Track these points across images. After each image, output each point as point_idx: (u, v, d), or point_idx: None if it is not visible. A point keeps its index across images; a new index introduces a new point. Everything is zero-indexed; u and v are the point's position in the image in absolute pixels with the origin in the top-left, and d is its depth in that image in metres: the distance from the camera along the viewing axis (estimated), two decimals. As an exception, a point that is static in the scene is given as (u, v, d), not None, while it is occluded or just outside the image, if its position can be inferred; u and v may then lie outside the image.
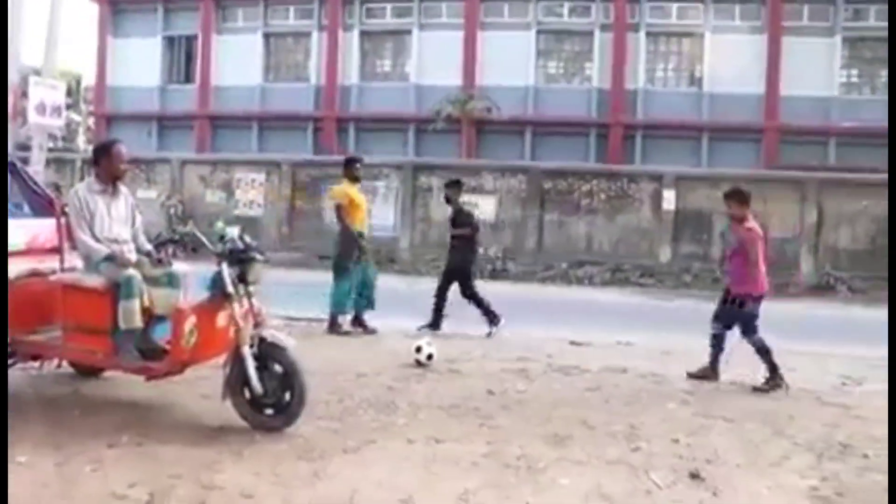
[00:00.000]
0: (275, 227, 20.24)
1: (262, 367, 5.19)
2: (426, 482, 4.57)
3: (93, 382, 6.42)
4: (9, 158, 6.66)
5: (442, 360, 7.71)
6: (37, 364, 6.03)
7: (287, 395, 5.20)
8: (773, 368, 7.21)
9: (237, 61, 29.56)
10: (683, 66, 28.23)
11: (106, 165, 5.69)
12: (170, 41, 31.22)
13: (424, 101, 27.35)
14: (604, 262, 18.32)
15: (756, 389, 7.14)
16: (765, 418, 6.14)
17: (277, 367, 5.22)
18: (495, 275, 17.50)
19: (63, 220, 5.95)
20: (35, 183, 6.62)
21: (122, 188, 5.86)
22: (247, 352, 5.14)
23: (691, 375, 7.48)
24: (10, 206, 6.42)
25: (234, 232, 5.33)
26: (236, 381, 5.22)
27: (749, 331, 7.28)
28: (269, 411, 5.26)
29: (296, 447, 5.02)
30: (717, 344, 7.48)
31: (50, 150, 16.39)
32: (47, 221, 6.06)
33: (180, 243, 5.42)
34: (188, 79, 31.08)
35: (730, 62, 25.97)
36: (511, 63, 27.00)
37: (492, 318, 9.62)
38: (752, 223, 7.43)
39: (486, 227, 19.05)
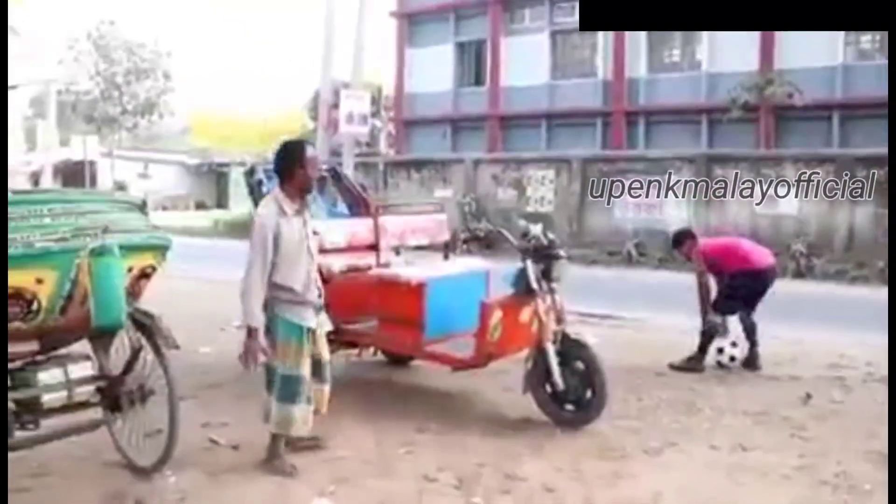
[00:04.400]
0: (565, 224, 20.39)
1: (564, 364, 5.26)
2: (733, 492, 4.37)
3: (403, 371, 6.90)
4: (330, 164, 7.36)
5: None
6: (355, 351, 6.58)
7: (588, 393, 5.23)
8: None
9: (525, 61, 30.21)
10: None
11: (299, 174, 4.43)
12: (461, 47, 32.67)
13: (717, 89, 25.98)
14: (932, 260, 16.25)
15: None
16: None
17: (579, 364, 5.26)
18: (799, 273, 16.24)
19: (378, 219, 6.41)
20: (353, 186, 7.25)
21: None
22: (550, 347, 5.23)
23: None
24: (330, 207, 7.10)
25: (537, 229, 5.43)
26: (538, 376, 5.33)
27: None
28: (570, 407, 5.32)
29: (596, 445, 5.04)
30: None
31: (357, 155, 17.86)
32: (364, 221, 6.58)
33: (483, 240, 5.62)
34: (479, 81, 32.31)
35: None
36: (815, 41, 24.83)
37: None
38: None
39: (788, 220, 17.85)
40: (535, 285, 5.24)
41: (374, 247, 6.36)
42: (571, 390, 5.25)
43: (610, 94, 28.80)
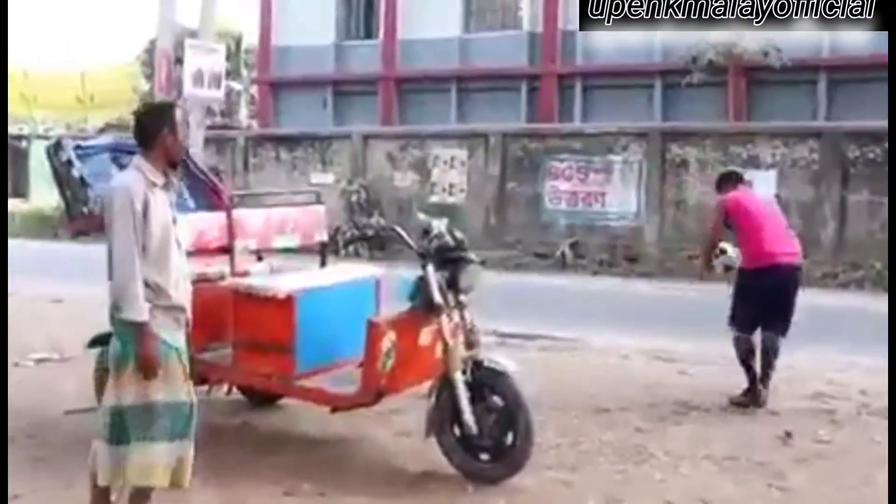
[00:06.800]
0: (481, 217, 20.58)
1: (478, 399, 5.28)
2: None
3: (267, 413, 6.82)
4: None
5: (709, 392, 7.55)
6: (205, 389, 6.44)
7: (509, 437, 5.26)
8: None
9: (430, 8, 30.24)
10: None
11: (168, 140, 4.39)
12: (347, -12, 32.62)
13: (674, 48, 26.35)
14: (943, 262, 17.00)
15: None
16: None
17: (497, 400, 5.29)
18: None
19: (233, 213, 6.29)
20: (201, 170, 7.10)
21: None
22: (458, 379, 5.24)
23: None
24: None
25: (441, 226, 5.45)
26: (444, 416, 5.35)
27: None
28: (485, 456, 5.35)
29: (519, 504, 5.08)
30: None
31: (208, 127, 17.55)
32: (215, 216, 6.45)
33: (373, 240, 5.60)
34: (369, 33, 32.28)
35: None
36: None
37: None
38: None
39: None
40: (438, 298, 5.24)
41: (227, 249, 6.27)
42: (487, 433, 5.27)
43: (539, 50, 29.16)
